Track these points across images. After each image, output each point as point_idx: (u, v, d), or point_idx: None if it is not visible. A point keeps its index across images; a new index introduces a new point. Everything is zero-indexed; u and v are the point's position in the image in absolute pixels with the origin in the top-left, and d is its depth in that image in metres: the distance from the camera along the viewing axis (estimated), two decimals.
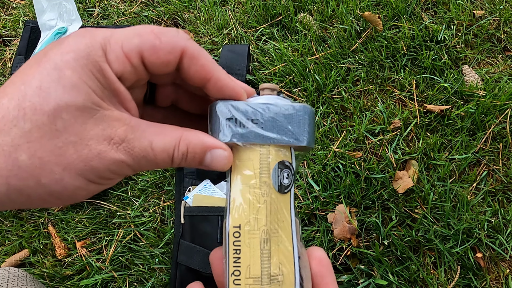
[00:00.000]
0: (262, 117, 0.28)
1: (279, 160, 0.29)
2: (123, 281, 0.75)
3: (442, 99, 0.86)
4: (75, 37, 0.23)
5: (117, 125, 0.23)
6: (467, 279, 0.71)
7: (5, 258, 0.78)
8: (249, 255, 0.28)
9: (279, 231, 0.29)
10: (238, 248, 0.28)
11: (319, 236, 0.74)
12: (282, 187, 0.29)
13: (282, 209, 0.29)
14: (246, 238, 0.28)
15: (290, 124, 0.29)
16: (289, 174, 0.29)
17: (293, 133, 0.29)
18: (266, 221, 0.28)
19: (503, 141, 0.82)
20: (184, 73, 0.26)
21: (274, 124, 0.28)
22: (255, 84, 0.90)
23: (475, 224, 0.74)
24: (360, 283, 0.71)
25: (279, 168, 0.29)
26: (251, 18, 0.98)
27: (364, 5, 0.97)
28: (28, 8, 1.04)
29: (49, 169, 0.22)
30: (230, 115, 0.28)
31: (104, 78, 0.23)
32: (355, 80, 0.90)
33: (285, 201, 0.29)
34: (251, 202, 0.28)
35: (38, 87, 0.21)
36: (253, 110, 0.28)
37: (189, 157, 0.26)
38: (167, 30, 0.24)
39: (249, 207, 0.28)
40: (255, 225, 0.28)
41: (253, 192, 0.28)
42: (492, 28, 0.95)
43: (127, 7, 1.04)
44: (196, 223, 0.74)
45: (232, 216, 0.28)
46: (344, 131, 0.84)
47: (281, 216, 0.29)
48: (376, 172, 0.78)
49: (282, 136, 0.28)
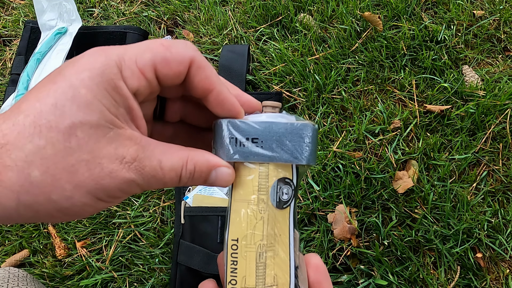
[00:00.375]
0: (262, 136, 0.29)
1: (278, 178, 0.30)
2: (123, 281, 0.75)
3: (442, 99, 0.86)
4: (90, 55, 0.24)
5: (129, 144, 0.24)
6: (467, 279, 0.71)
7: (5, 258, 0.78)
8: (245, 267, 0.29)
9: (276, 245, 0.30)
10: (235, 260, 0.30)
11: (319, 236, 0.74)
12: (281, 203, 0.30)
13: (280, 224, 0.30)
14: (243, 251, 0.29)
15: (291, 142, 0.29)
16: (289, 190, 0.30)
17: (293, 151, 0.29)
18: (262, 236, 0.29)
19: (503, 141, 0.82)
20: (189, 83, 0.27)
21: (274, 143, 0.29)
22: (255, 84, 0.90)
23: (475, 224, 0.74)
24: (360, 283, 0.71)
25: (278, 185, 0.30)
26: (251, 18, 0.98)
27: (364, 5, 0.97)
28: (28, 8, 1.04)
29: (60, 186, 0.22)
30: (231, 134, 0.29)
31: (119, 96, 0.23)
32: (355, 80, 0.90)
33: (284, 216, 0.30)
34: (249, 218, 0.29)
35: (54, 104, 0.22)
36: (254, 129, 0.29)
37: (196, 176, 0.27)
38: (175, 42, 0.25)
39: (246, 223, 0.29)
40: (251, 240, 0.29)
41: (251, 208, 0.29)
42: (492, 28, 0.95)
43: (127, 7, 1.04)
44: (196, 223, 0.74)
45: (231, 230, 0.30)
46: (344, 131, 0.84)
47: (278, 230, 0.30)
48: (376, 172, 0.78)
49: (282, 154, 0.29)
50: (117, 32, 0.91)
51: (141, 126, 0.26)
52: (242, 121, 0.29)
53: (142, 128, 0.26)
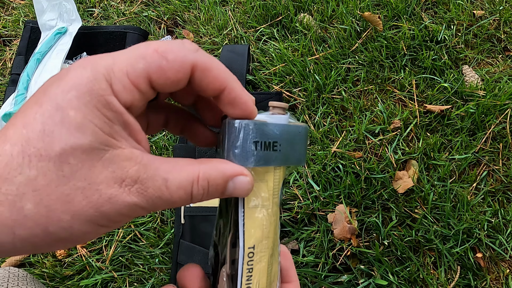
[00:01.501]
0: (280, 139, 0.28)
1: (283, 179, 0.30)
2: (123, 281, 0.75)
3: (442, 99, 0.86)
4: (76, 70, 0.22)
5: (128, 165, 0.22)
6: (467, 279, 0.71)
7: (5, 258, 0.78)
8: (259, 271, 0.29)
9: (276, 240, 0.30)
10: (251, 267, 0.29)
11: (319, 236, 0.74)
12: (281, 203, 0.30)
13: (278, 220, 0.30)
14: (258, 257, 0.29)
15: (298, 145, 0.29)
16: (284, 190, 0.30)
17: (299, 154, 0.29)
18: (273, 238, 0.30)
19: (503, 141, 0.82)
20: (197, 86, 0.24)
21: (289, 146, 0.28)
22: (255, 84, 0.90)
23: (475, 224, 0.74)
24: (360, 283, 0.71)
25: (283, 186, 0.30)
26: (251, 18, 0.98)
27: (364, 5, 0.97)
28: (28, 8, 1.04)
29: (56, 218, 0.21)
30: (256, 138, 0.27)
31: (112, 112, 0.21)
32: (355, 80, 0.90)
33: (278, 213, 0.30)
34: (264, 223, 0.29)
35: (42, 131, 0.20)
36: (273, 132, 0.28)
37: (211, 191, 0.25)
38: (171, 46, 0.23)
39: (262, 229, 0.29)
40: (267, 244, 0.29)
41: (265, 213, 0.29)
42: (492, 28, 0.95)
43: (127, 7, 1.04)
44: (196, 223, 0.74)
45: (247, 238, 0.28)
46: (344, 131, 0.84)
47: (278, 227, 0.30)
48: (376, 172, 0.78)
49: (293, 157, 0.29)
50: (117, 32, 0.91)
51: (142, 140, 0.24)
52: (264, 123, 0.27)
53: (143, 142, 0.24)
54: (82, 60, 0.22)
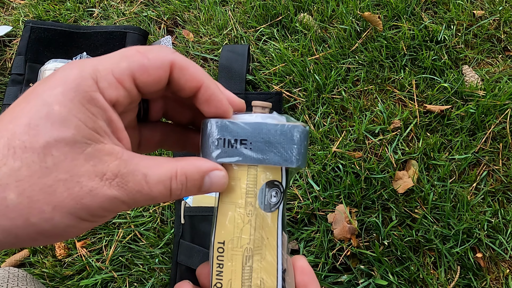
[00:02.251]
0: (251, 137, 0.28)
1: (267, 180, 0.29)
2: (123, 281, 0.75)
3: (442, 99, 0.86)
4: (64, 70, 0.23)
5: (109, 160, 0.22)
6: (467, 279, 0.71)
7: (5, 258, 0.78)
8: (231, 270, 0.29)
9: (263, 248, 0.29)
10: (221, 263, 0.29)
11: (319, 236, 0.74)
12: (269, 206, 0.29)
13: (268, 227, 0.29)
14: (229, 254, 0.29)
15: (280, 144, 0.28)
16: (278, 192, 0.29)
17: (283, 154, 0.28)
18: (249, 239, 0.29)
19: (503, 141, 0.82)
20: (175, 85, 0.26)
21: (263, 145, 0.28)
22: (255, 84, 0.90)
23: (475, 224, 0.74)
24: (360, 283, 0.71)
25: (267, 187, 0.29)
26: (251, 18, 0.98)
27: (364, 5, 0.97)
28: (28, 8, 1.04)
29: (38, 208, 0.21)
30: (219, 135, 0.28)
31: (96, 108, 0.22)
32: (355, 80, 0.90)
33: (272, 219, 0.29)
34: (235, 221, 0.29)
35: (27, 124, 0.21)
36: (243, 129, 0.28)
37: (189, 186, 0.25)
38: (151, 48, 0.25)
39: (233, 226, 0.29)
40: (238, 243, 0.29)
41: (238, 212, 0.29)
42: (492, 28, 0.95)
43: (127, 7, 1.04)
44: (196, 223, 0.74)
45: (217, 232, 0.29)
46: (344, 131, 0.84)
47: (266, 234, 0.29)
48: (376, 172, 0.78)
49: (271, 157, 0.28)
50: (117, 32, 0.91)
51: (123, 138, 0.24)
52: (231, 121, 0.28)
53: (124, 140, 0.25)
54: (70, 63, 0.23)
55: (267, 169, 0.29)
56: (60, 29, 0.91)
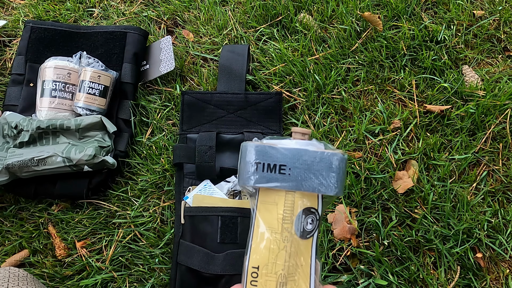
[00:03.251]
0: (290, 163, 0.28)
1: (304, 207, 0.29)
2: (123, 281, 0.75)
3: (442, 99, 0.86)
4: None
5: None
6: (467, 279, 0.71)
7: (5, 258, 0.78)
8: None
9: (297, 276, 0.29)
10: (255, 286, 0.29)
11: (319, 236, 0.74)
12: (305, 232, 0.29)
13: (302, 253, 0.29)
14: (263, 280, 0.29)
15: (319, 171, 0.29)
16: (314, 219, 0.30)
17: (321, 181, 0.29)
18: (284, 265, 0.29)
19: (503, 141, 0.82)
20: None
21: (302, 171, 0.28)
22: (255, 84, 0.90)
23: (475, 224, 0.74)
24: (360, 283, 0.71)
25: (303, 214, 0.29)
26: (251, 18, 0.98)
27: (364, 5, 0.97)
28: (28, 8, 1.04)
29: None
30: (258, 159, 0.28)
31: None
32: (355, 80, 0.90)
33: (307, 245, 0.30)
34: (271, 246, 0.29)
35: None
36: (282, 155, 0.28)
37: None
38: None
39: (268, 251, 0.29)
40: (272, 269, 0.29)
41: (274, 237, 0.29)
42: (492, 28, 0.95)
43: (127, 7, 1.04)
44: (196, 223, 0.74)
45: (251, 257, 0.29)
46: (344, 131, 0.84)
47: (300, 261, 0.29)
48: (376, 172, 0.78)
49: (310, 184, 0.29)
50: (117, 32, 0.91)
51: None
52: (271, 146, 0.28)
53: None
54: None
55: (305, 195, 0.29)
56: (60, 29, 0.91)
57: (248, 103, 0.85)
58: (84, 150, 0.77)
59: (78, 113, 0.83)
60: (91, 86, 0.83)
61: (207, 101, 0.85)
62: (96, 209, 0.81)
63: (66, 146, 0.78)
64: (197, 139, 0.81)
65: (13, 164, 0.76)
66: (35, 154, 0.77)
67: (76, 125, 0.80)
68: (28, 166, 0.76)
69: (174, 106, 0.89)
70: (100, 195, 0.82)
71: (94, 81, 0.83)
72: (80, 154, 0.76)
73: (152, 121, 0.87)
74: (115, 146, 0.83)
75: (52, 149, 0.78)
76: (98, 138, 0.81)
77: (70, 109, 0.84)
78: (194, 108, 0.85)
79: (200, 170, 0.79)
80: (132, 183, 0.82)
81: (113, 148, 0.82)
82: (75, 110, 0.83)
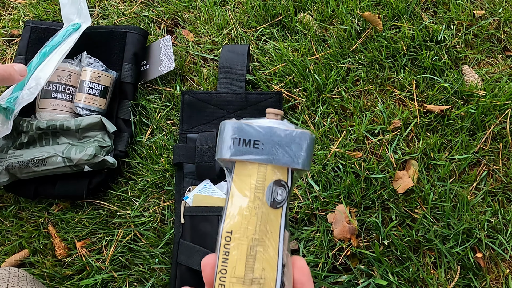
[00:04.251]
0: (263, 139, 0.32)
1: (274, 179, 0.33)
2: (123, 281, 0.75)
3: (442, 99, 0.86)
4: None
5: None
6: (467, 279, 0.71)
7: (5, 258, 0.78)
8: (236, 258, 0.32)
9: (266, 241, 0.33)
10: (227, 251, 0.32)
11: (319, 236, 0.74)
12: (275, 203, 0.33)
13: (272, 221, 0.33)
14: (236, 243, 0.32)
15: (289, 147, 0.33)
16: (283, 191, 0.33)
17: (290, 156, 0.33)
18: (255, 230, 0.32)
19: (503, 141, 0.82)
20: None
21: (274, 147, 0.33)
22: (255, 84, 0.90)
23: (475, 224, 0.74)
24: (360, 283, 0.71)
25: (274, 186, 0.33)
26: (251, 18, 0.98)
27: (364, 5, 0.97)
28: (28, 8, 1.04)
29: None
30: (235, 135, 0.32)
31: None
32: (355, 80, 0.90)
33: (276, 215, 0.33)
34: (244, 213, 0.32)
35: None
36: (257, 132, 0.32)
37: None
38: None
39: (241, 217, 0.32)
40: (244, 233, 0.32)
41: (247, 204, 0.33)
42: (492, 28, 0.95)
43: (127, 7, 1.04)
44: (196, 223, 0.74)
45: (226, 223, 0.33)
46: (344, 131, 0.84)
47: (270, 228, 0.33)
48: (376, 172, 0.78)
49: (280, 158, 0.33)
50: (117, 32, 0.91)
51: None
52: (247, 124, 0.32)
53: None
54: None
55: (276, 168, 0.33)
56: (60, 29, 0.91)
57: (248, 103, 0.85)
58: (85, 150, 0.77)
59: (78, 114, 0.83)
60: (91, 87, 0.83)
61: (207, 101, 0.85)
62: (96, 209, 0.81)
63: (66, 147, 0.78)
64: (197, 139, 0.81)
65: (13, 165, 0.76)
66: (35, 155, 0.77)
67: (76, 126, 0.80)
68: (28, 166, 0.76)
69: (174, 106, 0.89)
70: (100, 195, 0.82)
71: (94, 82, 0.83)
72: (80, 154, 0.76)
73: (152, 121, 0.87)
74: (115, 146, 0.83)
75: (52, 150, 0.78)
76: (98, 138, 0.81)
77: (70, 111, 0.84)
78: (194, 108, 0.85)
79: (200, 170, 0.79)
80: (132, 183, 0.82)
81: (113, 148, 0.82)
82: (75, 110, 0.83)
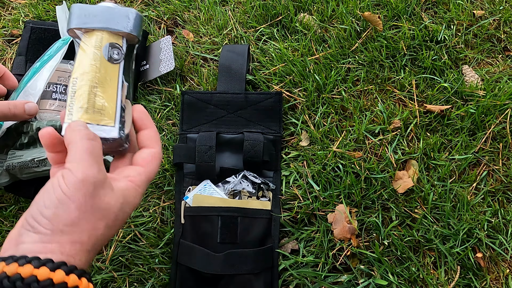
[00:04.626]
0: (100, 13, 0.47)
1: (110, 42, 0.47)
2: (123, 281, 0.75)
3: (442, 99, 0.86)
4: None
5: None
6: (467, 279, 0.71)
7: None
8: (80, 94, 0.45)
9: (106, 86, 0.46)
10: (74, 91, 0.45)
11: (319, 236, 0.74)
12: (112, 59, 0.47)
13: (111, 72, 0.47)
14: (79, 85, 0.45)
15: (119, 19, 0.47)
16: (119, 52, 0.48)
17: (121, 24, 0.48)
18: (95, 76, 0.45)
19: (503, 141, 0.82)
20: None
21: (108, 18, 0.47)
22: (255, 84, 0.90)
23: (475, 224, 0.74)
24: (360, 283, 0.71)
25: (110, 46, 0.47)
26: (251, 18, 0.98)
27: (364, 5, 0.97)
28: (28, 8, 1.04)
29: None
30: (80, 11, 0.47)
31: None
32: (355, 80, 0.90)
33: (114, 68, 0.47)
34: (85, 63, 0.46)
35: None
36: (94, 8, 0.47)
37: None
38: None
39: (84, 67, 0.46)
40: (86, 77, 0.45)
41: (88, 57, 0.46)
42: (492, 28, 0.95)
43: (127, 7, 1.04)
44: (196, 223, 0.74)
45: (73, 71, 0.46)
46: (344, 131, 0.84)
47: (109, 77, 0.46)
48: (376, 172, 0.78)
49: (113, 26, 0.47)
50: None
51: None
52: (89, 5, 0.47)
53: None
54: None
55: (110, 34, 0.47)
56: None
57: (248, 103, 0.85)
58: None
59: None
60: None
61: (207, 101, 0.85)
62: None
63: None
64: (197, 139, 0.81)
65: (13, 166, 0.76)
66: (35, 155, 0.77)
67: None
68: (29, 167, 0.76)
69: (174, 106, 0.89)
70: None
71: None
72: None
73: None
74: None
75: None
76: None
77: None
78: (194, 108, 0.85)
79: (200, 170, 0.79)
80: None
81: None
82: None
